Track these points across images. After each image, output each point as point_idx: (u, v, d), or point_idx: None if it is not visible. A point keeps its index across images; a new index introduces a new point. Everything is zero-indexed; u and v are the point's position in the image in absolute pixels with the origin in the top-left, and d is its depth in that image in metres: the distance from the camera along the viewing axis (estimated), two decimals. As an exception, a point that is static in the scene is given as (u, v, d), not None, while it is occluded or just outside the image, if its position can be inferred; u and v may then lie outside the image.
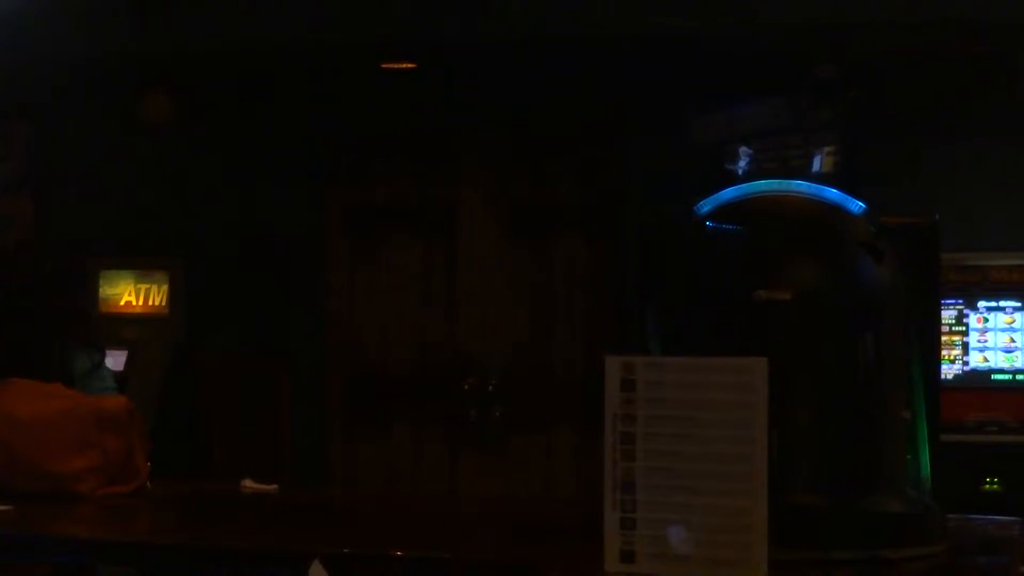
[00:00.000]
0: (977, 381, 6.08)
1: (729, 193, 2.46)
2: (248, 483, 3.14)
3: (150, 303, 6.96)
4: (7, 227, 3.71)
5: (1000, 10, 5.56)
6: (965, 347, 6.11)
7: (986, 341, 6.12)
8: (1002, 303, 6.10)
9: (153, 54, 6.51)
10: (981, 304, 6.12)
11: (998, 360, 6.10)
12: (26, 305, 3.55)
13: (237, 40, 6.35)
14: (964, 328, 6.11)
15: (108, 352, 4.07)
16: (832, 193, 2.43)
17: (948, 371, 6.00)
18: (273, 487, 3.14)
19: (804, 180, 2.45)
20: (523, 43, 6.25)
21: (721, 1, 5.76)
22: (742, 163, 2.54)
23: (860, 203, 2.42)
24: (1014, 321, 6.09)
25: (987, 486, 5.84)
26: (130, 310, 6.92)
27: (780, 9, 5.69)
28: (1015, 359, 6.08)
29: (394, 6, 6.10)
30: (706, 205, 2.45)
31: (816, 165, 2.51)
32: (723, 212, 2.42)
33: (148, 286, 6.96)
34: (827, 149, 2.53)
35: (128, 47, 6.41)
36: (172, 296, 6.96)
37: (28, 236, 3.69)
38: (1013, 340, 6.09)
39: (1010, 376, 6.09)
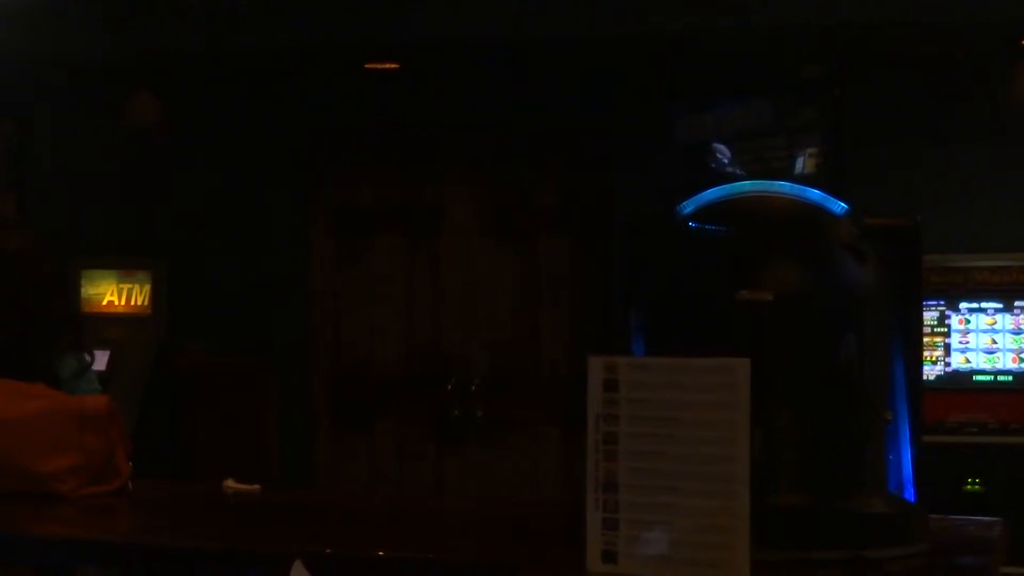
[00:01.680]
0: (959, 382, 6.09)
1: (712, 194, 2.46)
2: (230, 483, 3.13)
3: (133, 303, 6.94)
4: (7, 234, 3.73)
5: (983, 13, 5.57)
6: (947, 348, 6.12)
7: (968, 342, 6.13)
8: (984, 304, 6.12)
9: (137, 54, 6.50)
10: (963, 305, 6.13)
11: (980, 361, 6.12)
12: (20, 309, 3.54)
13: (221, 41, 6.35)
14: (946, 329, 6.12)
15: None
16: (814, 194, 2.43)
17: (930, 372, 6.01)
18: (255, 487, 3.13)
19: (787, 181, 2.46)
20: (508, 44, 6.26)
21: (706, 3, 5.77)
22: (725, 164, 2.54)
23: (842, 204, 2.42)
24: (995, 323, 6.11)
25: (969, 487, 5.86)
26: (112, 310, 6.91)
27: (764, 11, 5.70)
28: (996, 360, 6.10)
29: (377, 6, 6.10)
30: (689, 205, 2.45)
31: (799, 166, 2.52)
32: (706, 213, 2.42)
33: (131, 286, 6.95)
34: (810, 150, 2.55)
35: (112, 47, 6.40)
36: (155, 296, 6.95)
37: (28, 241, 3.67)
38: (995, 341, 6.11)
39: (991, 377, 6.10)
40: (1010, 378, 6.08)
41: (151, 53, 6.50)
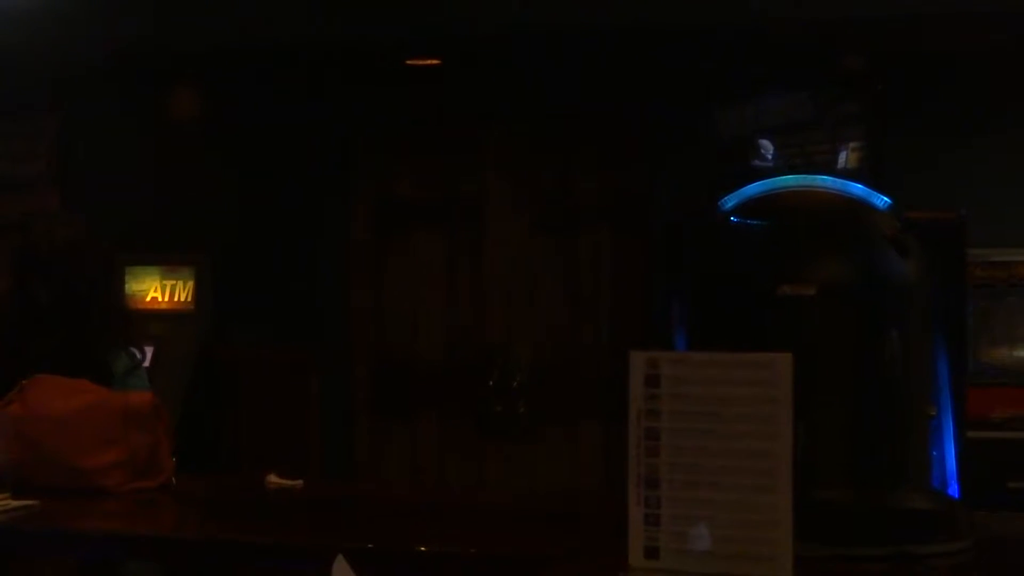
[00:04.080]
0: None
1: (754, 188, 2.45)
2: (273, 478, 3.14)
3: (176, 299, 6.98)
4: (59, 225, 3.72)
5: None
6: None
7: (1013, 337, 6.08)
8: (1029, 299, 6.07)
9: (179, 50, 6.53)
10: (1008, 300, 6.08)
11: (1025, 356, 6.07)
12: (75, 303, 3.55)
13: (263, 36, 6.37)
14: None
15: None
16: (857, 188, 2.42)
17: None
18: (298, 482, 3.14)
19: (829, 175, 2.45)
20: (548, 37, 6.25)
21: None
22: (767, 158, 2.54)
23: (886, 198, 2.41)
24: (1041, 317, 6.06)
25: (1013, 482, 5.81)
26: (156, 306, 6.94)
27: (806, 3, 5.67)
28: (1042, 355, 6.05)
29: (419, 3, 6.11)
30: (731, 200, 2.45)
31: (842, 160, 2.51)
32: (748, 207, 2.42)
33: (174, 282, 6.98)
34: (853, 144, 2.53)
35: (154, 43, 6.44)
36: (198, 292, 6.98)
37: (80, 231, 3.67)
38: (1041, 336, 6.06)
39: (1037, 372, 6.05)
40: (1056, 373, 6.03)
41: (192, 49, 6.53)
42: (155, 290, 6.96)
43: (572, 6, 5.94)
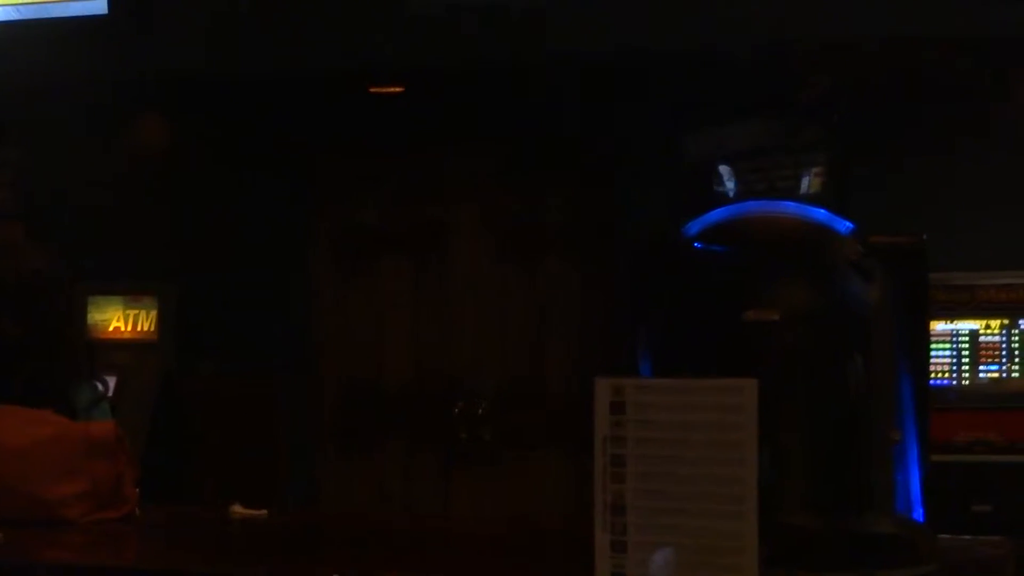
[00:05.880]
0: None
1: (717, 214, 2.46)
2: (238, 508, 3.12)
3: (139, 328, 6.95)
4: (25, 257, 3.69)
5: (987, 28, 5.58)
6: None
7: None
8: (990, 323, 6.10)
9: (142, 79, 6.52)
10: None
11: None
12: (43, 336, 3.52)
13: (227, 65, 6.36)
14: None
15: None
16: (820, 213, 2.43)
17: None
18: (263, 512, 3.12)
19: (792, 200, 2.46)
20: (512, 65, 6.27)
21: (710, 20, 5.77)
22: (730, 184, 2.54)
23: (848, 223, 2.42)
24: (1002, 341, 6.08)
25: (977, 506, 5.83)
26: (119, 336, 6.91)
27: (769, 28, 5.71)
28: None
29: (382, 32, 6.12)
30: (695, 226, 2.45)
31: (804, 185, 2.52)
32: (711, 233, 2.42)
33: (137, 311, 6.95)
34: (815, 170, 2.54)
35: (117, 72, 6.42)
36: (161, 321, 6.95)
37: (44, 262, 3.64)
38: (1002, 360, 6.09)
39: (999, 396, 6.08)
40: (1018, 396, 6.06)
41: (156, 78, 6.51)
42: (118, 319, 6.93)
43: (535, 33, 5.96)
